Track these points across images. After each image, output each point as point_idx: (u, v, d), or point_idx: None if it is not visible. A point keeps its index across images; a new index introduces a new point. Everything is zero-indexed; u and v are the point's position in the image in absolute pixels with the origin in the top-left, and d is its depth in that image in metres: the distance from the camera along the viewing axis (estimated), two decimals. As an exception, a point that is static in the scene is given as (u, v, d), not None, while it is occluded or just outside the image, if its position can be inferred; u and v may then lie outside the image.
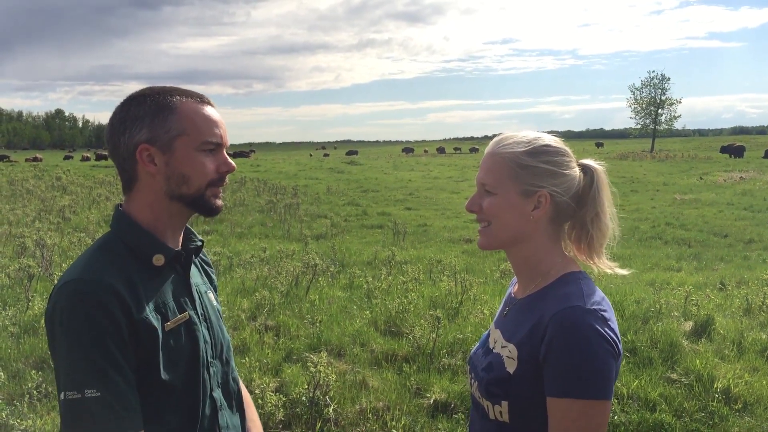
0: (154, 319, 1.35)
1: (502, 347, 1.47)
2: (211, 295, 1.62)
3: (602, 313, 1.34)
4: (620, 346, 1.35)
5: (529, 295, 1.48)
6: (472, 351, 1.64)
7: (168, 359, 1.37)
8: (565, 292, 1.39)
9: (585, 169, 1.49)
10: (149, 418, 1.33)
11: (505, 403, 1.40)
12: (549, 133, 1.52)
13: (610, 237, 1.50)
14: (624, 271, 1.55)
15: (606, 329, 1.31)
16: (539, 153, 1.45)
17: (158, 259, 1.42)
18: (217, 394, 1.52)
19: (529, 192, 1.43)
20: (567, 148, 1.49)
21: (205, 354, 1.47)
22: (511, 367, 1.40)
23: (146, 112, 1.40)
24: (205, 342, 1.49)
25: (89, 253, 1.39)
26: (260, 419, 1.82)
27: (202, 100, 1.46)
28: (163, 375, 1.35)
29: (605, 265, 1.52)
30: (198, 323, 1.47)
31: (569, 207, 1.47)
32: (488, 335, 1.60)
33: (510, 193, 1.45)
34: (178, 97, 1.42)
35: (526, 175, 1.43)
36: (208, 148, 1.43)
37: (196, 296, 1.52)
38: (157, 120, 1.39)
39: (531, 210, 1.44)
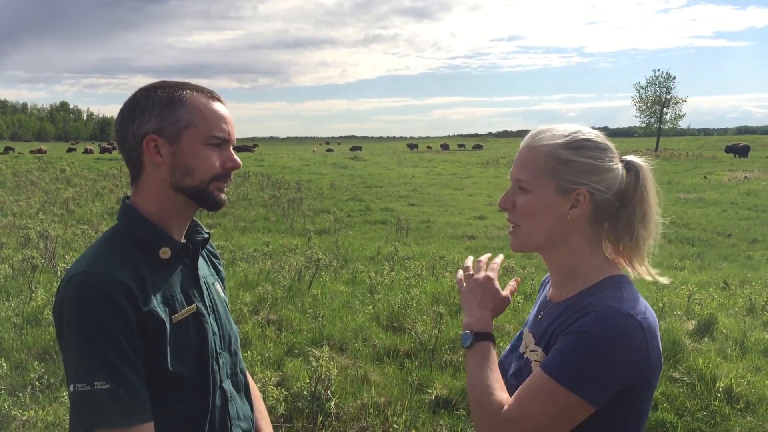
0: (162, 312, 1.36)
1: (531, 351, 1.40)
2: (219, 287, 1.62)
3: (640, 320, 1.24)
4: (652, 362, 1.25)
5: (567, 299, 1.38)
6: (502, 354, 1.56)
7: (176, 351, 1.37)
8: (605, 295, 1.30)
9: (629, 165, 1.37)
10: (158, 409, 1.33)
11: None
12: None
13: (653, 239, 1.38)
14: (665, 280, 1.43)
15: (634, 340, 1.22)
16: (580, 147, 1.34)
17: (165, 252, 1.42)
18: (227, 384, 1.53)
19: (567, 189, 1.32)
20: (610, 144, 1.38)
21: (213, 345, 1.48)
22: None
23: (156, 103, 1.40)
24: (214, 333, 1.49)
25: (97, 246, 1.40)
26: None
27: (212, 96, 1.47)
28: (171, 366, 1.36)
29: (646, 272, 1.40)
30: (206, 315, 1.48)
31: (611, 206, 1.35)
32: (519, 339, 1.52)
33: (546, 190, 1.33)
34: (188, 91, 1.43)
35: (565, 171, 1.32)
36: (215, 142, 1.43)
37: (204, 288, 1.52)
38: (167, 111, 1.40)
39: (568, 209, 1.33)
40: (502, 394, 1.31)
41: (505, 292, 1.53)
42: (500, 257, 1.61)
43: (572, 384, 1.21)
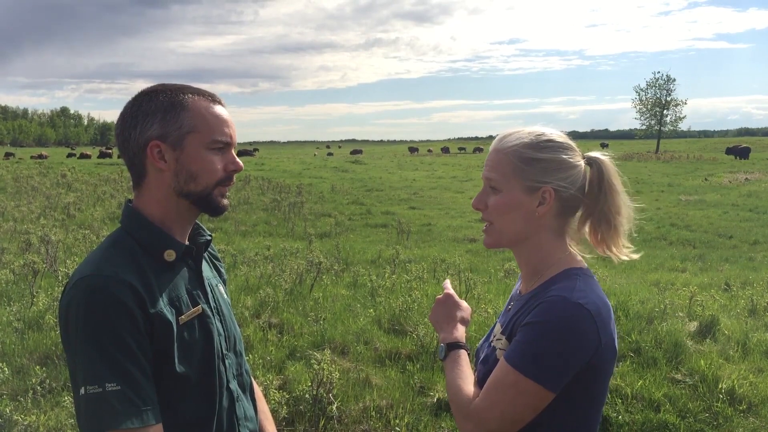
0: (169, 313, 1.36)
1: (497, 340, 1.49)
2: (222, 289, 1.63)
3: (589, 307, 1.33)
4: (604, 347, 1.34)
5: (530, 291, 1.48)
6: (479, 343, 1.67)
7: (183, 352, 1.38)
8: (558, 286, 1.39)
9: (590, 161, 1.47)
10: (166, 410, 1.34)
11: None
12: None
13: (630, 223, 1.49)
14: (636, 256, 1.53)
15: (584, 327, 1.31)
16: (542, 147, 1.43)
17: (170, 255, 1.43)
18: (233, 385, 1.53)
19: (534, 188, 1.41)
20: (571, 142, 1.48)
21: (219, 346, 1.49)
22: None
23: (158, 108, 1.40)
24: (219, 335, 1.50)
25: (101, 249, 1.40)
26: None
27: (214, 99, 1.46)
28: (178, 368, 1.36)
29: (624, 254, 1.50)
30: (211, 316, 1.49)
31: (576, 200, 1.45)
32: (492, 329, 1.62)
33: (514, 190, 1.43)
34: (190, 95, 1.43)
35: (530, 171, 1.41)
36: (218, 146, 1.43)
37: (208, 290, 1.53)
38: (169, 116, 1.39)
39: (536, 206, 1.42)
40: (470, 388, 1.44)
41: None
42: (447, 280, 1.78)
43: (530, 372, 1.31)
